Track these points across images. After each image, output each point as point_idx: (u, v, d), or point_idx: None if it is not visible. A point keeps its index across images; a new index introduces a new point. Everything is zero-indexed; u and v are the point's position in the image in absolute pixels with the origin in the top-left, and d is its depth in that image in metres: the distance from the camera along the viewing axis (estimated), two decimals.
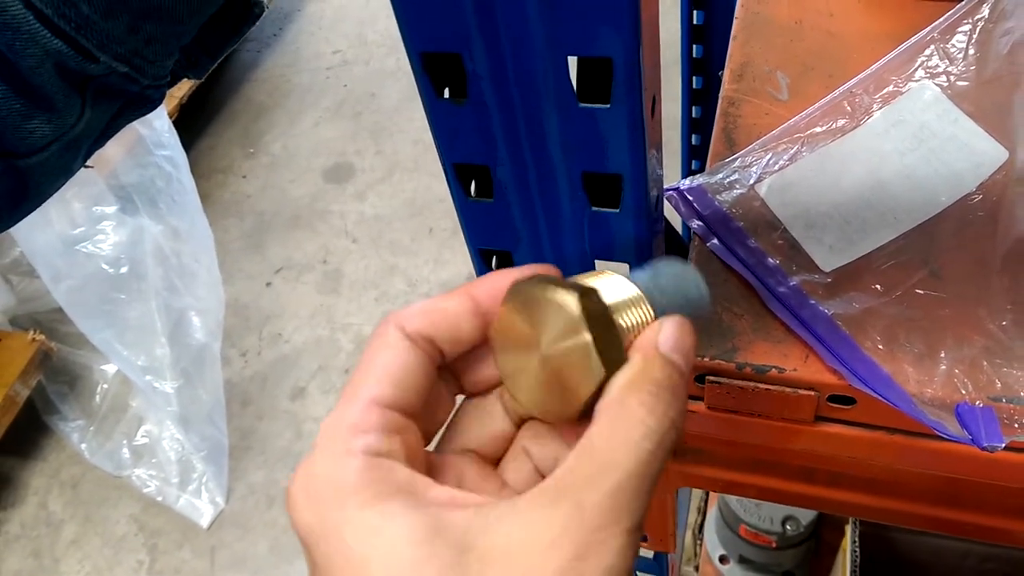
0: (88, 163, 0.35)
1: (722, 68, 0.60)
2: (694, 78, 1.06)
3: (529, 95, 0.32)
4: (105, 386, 1.66)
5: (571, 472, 0.26)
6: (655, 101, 0.34)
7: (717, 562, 1.13)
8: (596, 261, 0.40)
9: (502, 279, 0.31)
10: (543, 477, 0.31)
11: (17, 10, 0.28)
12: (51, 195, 0.34)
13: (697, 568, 1.18)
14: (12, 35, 0.28)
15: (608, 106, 0.32)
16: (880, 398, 0.40)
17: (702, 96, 1.07)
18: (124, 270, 1.47)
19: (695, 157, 1.18)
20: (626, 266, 0.36)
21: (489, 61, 0.32)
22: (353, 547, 0.25)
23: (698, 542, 1.19)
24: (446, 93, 0.34)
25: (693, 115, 1.11)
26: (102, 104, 0.32)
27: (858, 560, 0.85)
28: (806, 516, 1.07)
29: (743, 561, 1.11)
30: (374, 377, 0.29)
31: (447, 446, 0.33)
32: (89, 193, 1.44)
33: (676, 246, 0.52)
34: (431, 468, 0.30)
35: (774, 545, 1.07)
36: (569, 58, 0.31)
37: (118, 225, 1.46)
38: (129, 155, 1.50)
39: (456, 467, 0.32)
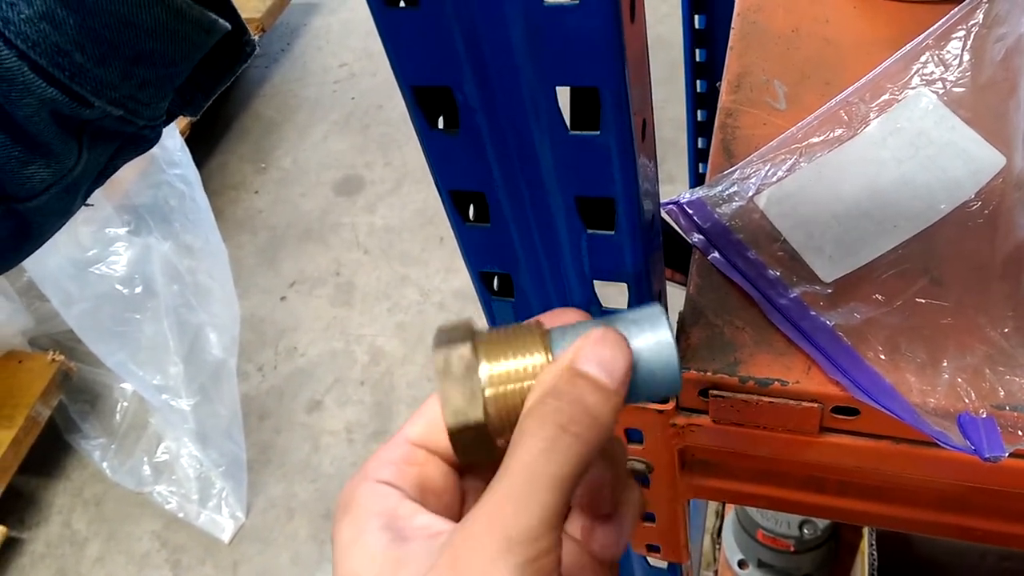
0: (88, 202, 0.36)
1: (722, 75, 0.60)
2: (698, 82, 1.06)
3: (520, 124, 0.33)
4: (125, 404, 1.67)
5: (483, 503, 0.27)
6: (646, 125, 0.35)
7: (736, 567, 1.13)
8: (595, 282, 0.40)
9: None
10: None
11: (11, 62, 0.28)
12: (52, 235, 0.35)
13: (716, 573, 1.17)
14: (7, 86, 0.29)
15: (598, 133, 0.32)
16: (883, 409, 0.40)
17: (707, 99, 1.08)
18: (138, 290, 1.48)
19: (701, 160, 1.18)
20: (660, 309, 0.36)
21: (480, 93, 0.32)
22: (336, 553, 0.29)
23: (717, 547, 1.19)
24: (439, 123, 0.35)
25: (698, 118, 1.11)
26: (99, 146, 0.33)
27: (876, 563, 0.85)
28: (823, 519, 1.06)
29: (762, 566, 1.11)
30: (415, 416, 0.33)
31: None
32: (99, 216, 1.46)
33: (680, 254, 0.52)
34: (455, 494, 0.32)
35: (792, 549, 1.06)
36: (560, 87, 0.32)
37: (129, 246, 1.48)
38: (141, 176, 1.51)
39: (477, 493, 0.33)
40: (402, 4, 0.30)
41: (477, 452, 0.30)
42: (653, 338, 0.31)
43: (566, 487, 0.26)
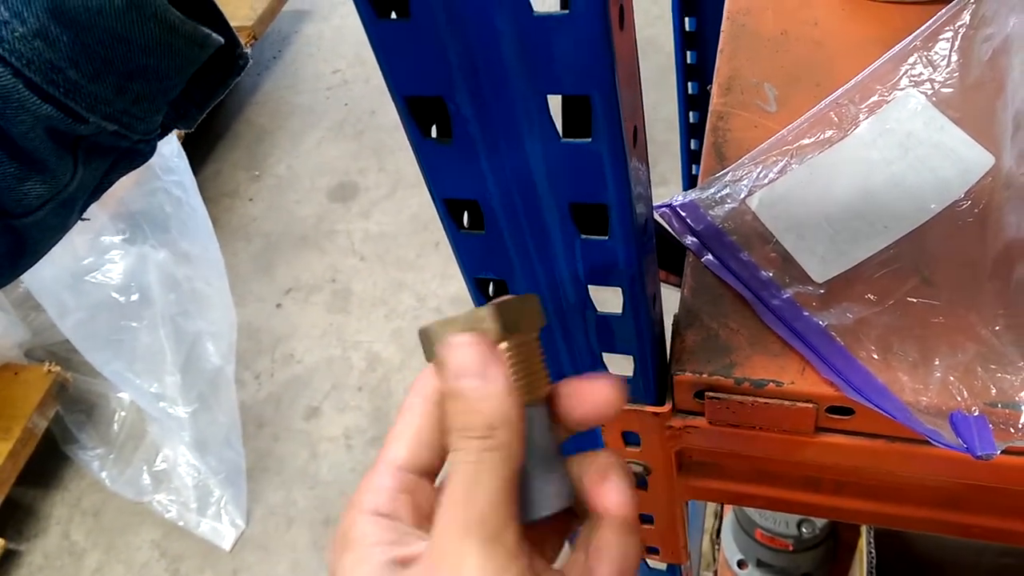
0: (84, 216, 0.36)
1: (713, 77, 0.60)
2: (689, 84, 1.06)
3: (513, 133, 0.33)
4: (123, 413, 1.67)
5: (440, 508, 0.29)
6: (637, 131, 0.35)
7: (735, 567, 1.13)
8: (589, 286, 0.40)
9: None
10: None
11: (6, 79, 0.29)
12: (48, 251, 0.35)
13: (716, 574, 1.18)
14: (3, 103, 0.29)
15: (590, 140, 0.32)
16: (876, 408, 0.40)
17: (699, 101, 1.08)
18: (135, 298, 1.48)
19: (695, 161, 1.19)
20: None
21: (472, 102, 0.32)
22: None
23: (716, 547, 1.19)
24: (433, 133, 0.35)
25: (691, 120, 1.11)
26: (94, 161, 0.33)
27: (874, 561, 0.85)
28: (821, 518, 1.07)
29: (761, 565, 1.11)
30: (394, 440, 0.33)
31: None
32: (95, 224, 1.45)
33: (673, 256, 0.53)
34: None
35: (791, 548, 1.07)
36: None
37: (125, 254, 1.48)
38: (137, 183, 1.51)
39: None
40: (393, 15, 0.30)
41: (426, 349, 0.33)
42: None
43: (501, 476, 0.29)
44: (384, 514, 0.31)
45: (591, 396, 0.33)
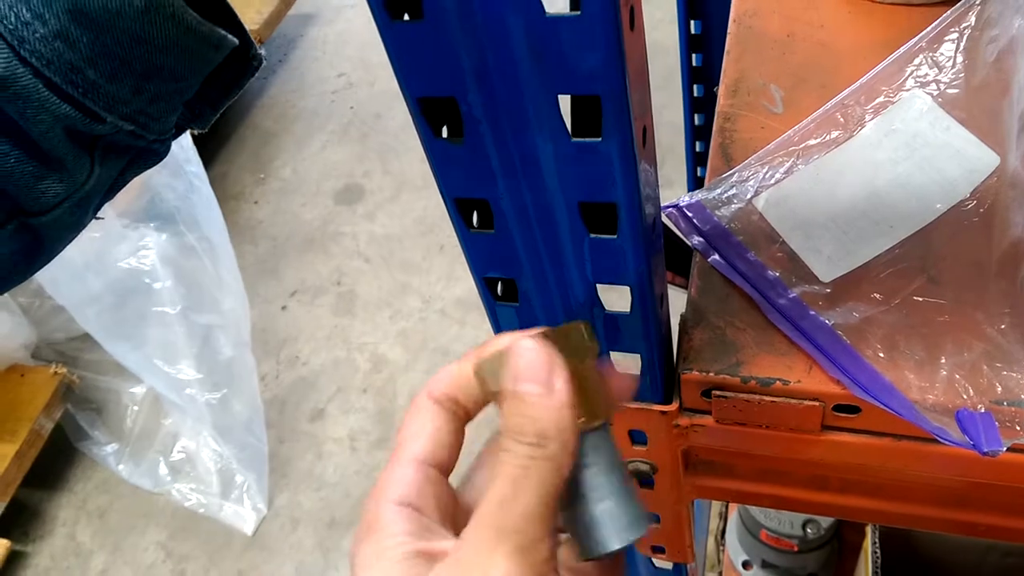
0: (98, 215, 0.37)
1: (719, 79, 0.61)
2: (695, 86, 1.07)
3: (523, 132, 0.33)
4: (135, 408, 1.68)
5: (475, 513, 0.29)
6: (646, 131, 0.35)
7: (740, 568, 1.13)
8: (597, 285, 0.41)
9: (504, 341, 0.33)
10: None
11: (27, 80, 0.29)
12: (62, 250, 0.36)
13: (721, 574, 1.18)
14: (23, 103, 0.29)
15: (600, 139, 0.33)
16: (882, 406, 0.41)
17: (704, 104, 1.08)
18: (156, 285, 1.50)
19: (700, 164, 1.19)
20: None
21: (483, 103, 0.33)
22: (355, 573, 0.29)
23: (720, 548, 1.19)
24: (444, 133, 0.35)
25: (696, 123, 1.12)
26: (110, 161, 0.34)
27: (879, 561, 0.85)
28: (826, 519, 1.07)
29: (766, 566, 1.11)
30: (413, 438, 0.33)
31: (469, 485, 0.36)
32: (115, 214, 1.47)
33: (680, 257, 0.53)
34: (460, 510, 0.33)
35: (796, 549, 1.07)
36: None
37: (144, 243, 1.49)
38: (157, 173, 1.52)
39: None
40: (407, 17, 0.31)
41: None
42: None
43: (544, 488, 0.29)
44: (410, 504, 0.30)
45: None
